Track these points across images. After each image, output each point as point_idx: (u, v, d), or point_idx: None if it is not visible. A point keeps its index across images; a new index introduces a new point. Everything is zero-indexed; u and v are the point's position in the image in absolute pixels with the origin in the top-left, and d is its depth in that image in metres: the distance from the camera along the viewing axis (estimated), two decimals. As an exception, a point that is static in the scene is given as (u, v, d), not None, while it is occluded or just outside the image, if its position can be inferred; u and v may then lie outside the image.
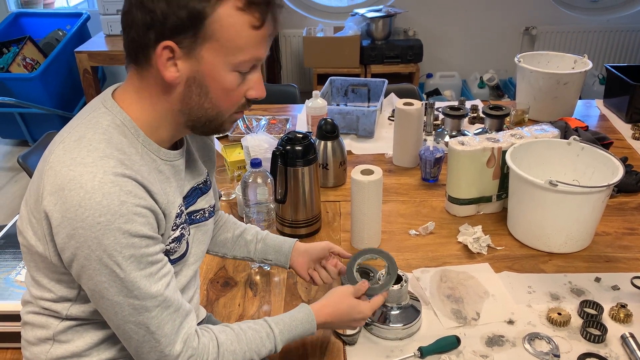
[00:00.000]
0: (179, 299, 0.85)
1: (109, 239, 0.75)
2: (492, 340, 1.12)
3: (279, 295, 1.28)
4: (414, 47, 3.68)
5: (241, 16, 0.79)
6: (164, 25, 0.77)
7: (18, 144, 3.81)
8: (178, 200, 0.90)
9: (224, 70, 0.82)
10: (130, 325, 0.80)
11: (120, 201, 0.75)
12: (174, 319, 0.83)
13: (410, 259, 1.37)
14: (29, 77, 3.34)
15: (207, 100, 0.84)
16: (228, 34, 0.79)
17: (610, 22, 3.97)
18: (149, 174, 0.83)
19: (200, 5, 0.76)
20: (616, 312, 1.17)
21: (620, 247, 1.40)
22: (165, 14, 0.76)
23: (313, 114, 1.91)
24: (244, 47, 0.81)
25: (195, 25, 0.77)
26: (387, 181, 1.71)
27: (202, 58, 0.80)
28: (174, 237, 0.89)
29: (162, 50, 0.78)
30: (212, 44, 0.79)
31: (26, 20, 3.86)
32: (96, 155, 0.78)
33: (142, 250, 0.78)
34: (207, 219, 1.03)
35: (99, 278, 0.77)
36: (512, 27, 3.99)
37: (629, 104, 2.06)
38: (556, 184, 1.26)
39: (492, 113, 1.88)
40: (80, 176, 0.75)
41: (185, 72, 0.81)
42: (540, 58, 2.19)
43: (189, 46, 0.79)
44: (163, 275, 0.82)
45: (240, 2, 0.78)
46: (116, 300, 0.78)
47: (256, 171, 1.34)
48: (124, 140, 0.82)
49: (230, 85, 0.83)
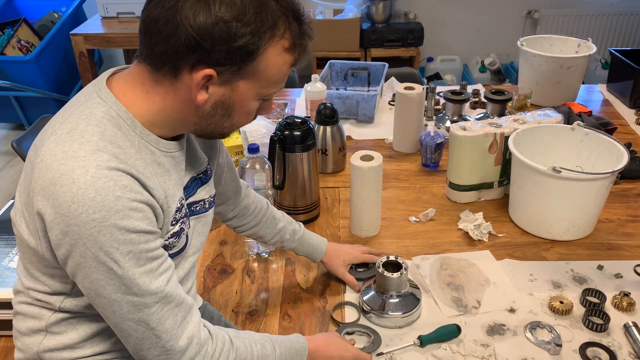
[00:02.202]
0: (180, 293, 0.82)
1: (105, 236, 0.72)
2: (493, 329, 1.11)
3: (276, 282, 1.26)
4: (414, 31, 3.63)
5: (284, 56, 0.80)
6: (211, 54, 0.75)
7: (14, 128, 3.78)
8: (178, 193, 0.87)
9: (253, 98, 0.83)
10: (129, 322, 0.78)
11: (115, 196, 0.72)
12: (175, 313, 0.80)
13: (410, 246, 1.35)
14: (24, 59, 3.29)
15: (227, 121, 0.85)
16: (270, 72, 0.80)
17: (613, 6, 3.92)
18: (145, 168, 0.79)
19: (255, 44, 0.76)
20: (619, 301, 1.15)
21: (623, 235, 1.38)
22: (216, 44, 0.74)
23: (312, 98, 1.88)
24: (278, 82, 0.84)
25: (244, 61, 0.77)
26: (387, 167, 1.68)
27: (237, 87, 0.80)
28: (173, 232, 0.86)
29: (202, 77, 0.76)
30: (252, 78, 0.80)
31: (21, 2, 3.80)
32: (89, 148, 0.74)
33: (140, 246, 0.75)
34: (207, 210, 0.99)
35: (96, 276, 0.74)
36: (514, 11, 3.93)
37: (633, 89, 2.02)
38: (560, 171, 1.24)
39: (494, 98, 1.85)
40: (72, 171, 0.72)
41: (216, 96, 0.80)
42: (543, 42, 2.16)
43: (229, 76, 0.78)
44: (164, 271, 0.79)
45: (287, 43, 0.80)
46: (114, 298, 0.76)
47: (254, 157, 1.32)
48: (118, 133, 0.78)
49: (253, 109, 0.86)
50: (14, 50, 3.42)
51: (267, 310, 1.19)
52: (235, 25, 0.74)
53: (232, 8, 0.73)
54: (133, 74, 0.82)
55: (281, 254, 1.35)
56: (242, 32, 0.74)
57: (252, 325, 1.16)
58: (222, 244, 1.39)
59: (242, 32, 0.74)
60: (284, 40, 0.79)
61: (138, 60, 0.81)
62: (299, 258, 1.33)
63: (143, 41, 0.78)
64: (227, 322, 1.15)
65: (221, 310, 1.19)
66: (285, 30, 0.79)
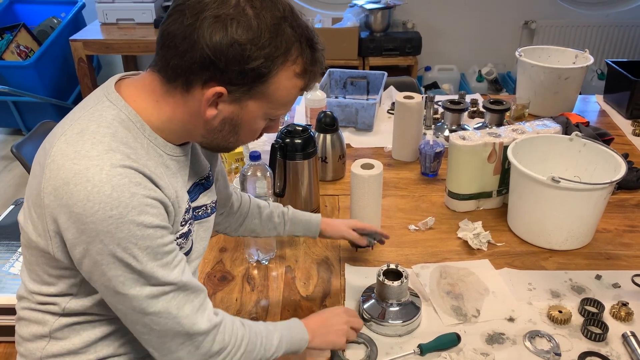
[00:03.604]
0: (194, 281, 0.84)
1: (123, 232, 0.73)
2: (493, 337, 1.11)
3: (276, 290, 1.27)
4: (412, 40, 3.65)
5: (297, 81, 0.82)
6: (224, 73, 0.77)
7: (12, 133, 3.77)
8: (185, 196, 0.89)
9: (261, 118, 0.85)
10: (150, 316, 0.78)
11: (131, 193, 0.73)
12: (192, 299, 0.82)
13: (409, 255, 1.36)
14: (23, 65, 3.29)
15: (234, 137, 0.87)
16: (280, 94, 0.82)
17: (609, 17, 3.95)
18: (156, 168, 0.81)
19: (267, 68, 0.78)
20: (617, 311, 1.16)
21: (621, 245, 1.39)
22: (229, 64, 0.76)
23: (312, 106, 1.89)
24: (287, 104, 0.86)
25: (255, 82, 0.79)
26: (386, 175, 1.69)
27: (246, 106, 0.82)
28: (182, 232, 0.88)
29: (212, 94, 0.78)
30: (262, 99, 0.82)
31: (20, 7, 3.81)
32: (101, 148, 0.75)
33: (157, 241, 0.77)
34: (210, 215, 1.01)
35: (113, 272, 0.75)
36: (511, 21, 3.96)
37: (630, 100, 2.04)
38: (559, 180, 1.25)
39: (492, 107, 1.86)
40: (86, 169, 0.73)
41: (225, 113, 0.82)
42: (540, 52, 2.18)
43: (239, 95, 0.80)
44: (178, 263, 0.81)
45: (299, 68, 0.81)
46: (133, 294, 0.76)
47: (255, 164, 1.32)
48: (129, 135, 0.80)
49: (259, 128, 0.88)
50: (13, 56, 3.42)
51: (267, 318, 1.19)
52: (250, 48, 0.75)
53: (249, 31, 0.75)
54: (145, 82, 0.83)
55: (281, 261, 1.35)
56: (256, 56, 0.76)
57: (252, 332, 1.16)
58: (222, 251, 1.39)
59: (256, 55, 0.76)
60: (296, 66, 0.81)
61: (152, 69, 0.82)
62: (299, 265, 1.33)
63: (159, 53, 0.80)
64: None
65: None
66: (298, 56, 0.81)
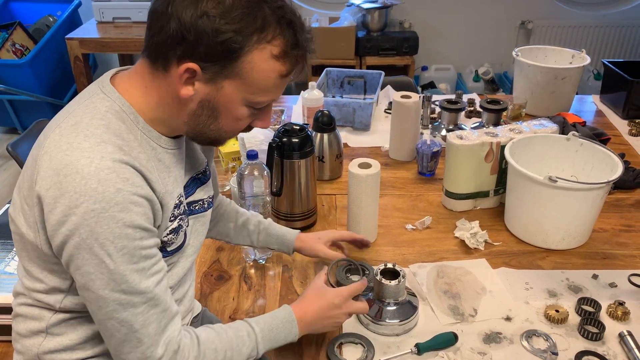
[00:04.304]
0: (167, 299, 0.82)
1: (102, 227, 0.73)
2: (490, 337, 1.11)
3: (274, 289, 1.26)
4: (409, 39, 3.65)
5: (274, 63, 0.79)
6: (195, 48, 0.76)
7: (7, 132, 3.75)
8: (177, 190, 0.88)
9: (239, 103, 0.82)
10: (113, 322, 0.77)
11: (116, 188, 0.73)
12: (160, 319, 0.80)
13: (406, 254, 1.36)
14: (19, 63, 3.28)
15: (214, 123, 0.84)
16: (256, 77, 0.79)
17: (606, 17, 3.96)
18: (147, 162, 0.81)
19: (238, 43, 0.76)
20: (614, 310, 1.16)
21: (617, 244, 1.40)
22: (199, 37, 0.75)
23: (309, 105, 1.89)
24: (267, 91, 0.82)
25: (226, 60, 0.77)
26: (383, 175, 1.69)
27: (222, 88, 0.80)
28: (171, 228, 0.87)
29: (184, 70, 0.77)
30: (237, 80, 0.79)
31: (16, 5, 3.79)
32: (93, 140, 0.76)
33: (135, 243, 0.76)
34: (206, 210, 1.00)
35: (87, 269, 0.75)
36: (508, 21, 3.97)
37: (626, 100, 2.05)
38: (556, 180, 1.25)
39: (489, 107, 1.86)
40: (76, 161, 0.73)
41: (201, 94, 0.80)
42: (537, 52, 2.18)
43: (212, 74, 0.78)
44: (155, 272, 0.80)
45: (277, 50, 0.79)
46: (101, 294, 0.76)
47: (252, 163, 1.32)
48: (122, 126, 0.80)
49: (241, 116, 0.85)
50: (8, 54, 3.41)
51: (264, 317, 1.19)
52: (219, 21, 0.74)
53: (220, 5, 0.74)
54: (136, 69, 0.84)
55: (278, 260, 1.35)
56: (225, 29, 0.74)
57: (249, 332, 1.16)
58: (219, 250, 1.39)
59: (225, 28, 0.74)
60: (273, 47, 0.78)
61: (142, 55, 0.83)
62: (296, 265, 1.33)
63: (146, 35, 0.80)
64: (225, 328, 1.15)
65: (218, 316, 1.19)
66: (276, 36, 0.78)
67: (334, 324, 1.04)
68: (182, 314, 1.01)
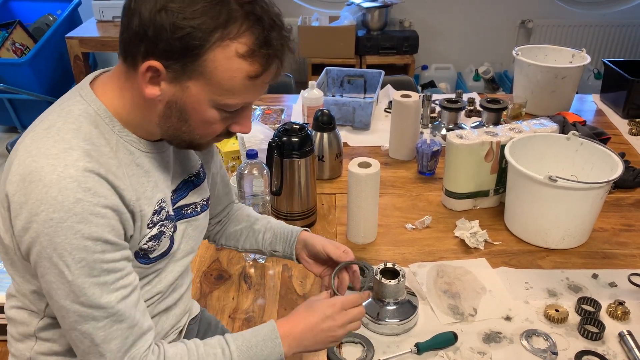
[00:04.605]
0: (135, 315, 0.78)
1: (60, 237, 0.70)
2: (490, 336, 1.11)
3: (273, 288, 1.26)
4: (409, 39, 3.65)
5: (240, 63, 0.74)
6: (156, 44, 0.72)
7: (7, 130, 3.75)
8: (158, 195, 0.84)
9: (207, 105, 0.77)
10: (75, 333, 0.75)
11: (75, 198, 0.70)
12: (125, 335, 0.77)
13: (406, 253, 1.36)
14: (19, 62, 3.28)
15: (185, 126, 0.80)
16: (221, 77, 0.74)
17: (606, 17, 3.96)
18: (117, 168, 0.77)
19: (198, 40, 0.71)
20: (614, 310, 1.16)
21: (617, 244, 1.39)
22: (159, 34, 0.71)
23: (309, 104, 1.89)
24: (235, 92, 0.76)
25: (187, 58, 0.72)
26: (383, 174, 1.69)
27: (187, 88, 0.75)
28: (151, 235, 0.84)
29: (146, 68, 0.73)
30: (201, 80, 0.74)
31: (16, 4, 3.79)
32: (61, 146, 0.73)
33: (95, 256, 0.72)
34: (199, 214, 0.97)
35: (49, 277, 0.73)
36: (508, 20, 3.97)
37: (627, 100, 2.04)
38: (556, 180, 1.25)
39: (489, 106, 1.86)
40: (41, 168, 0.72)
41: (168, 95, 0.76)
42: (537, 51, 2.18)
43: (176, 73, 0.74)
44: (121, 287, 0.76)
45: (243, 49, 0.73)
46: (62, 304, 0.74)
47: (252, 162, 1.32)
48: (94, 131, 0.77)
49: (212, 119, 0.79)
50: (8, 53, 3.41)
51: (263, 317, 1.19)
52: (177, 16, 0.70)
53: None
54: (114, 70, 0.82)
55: (278, 260, 1.35)
56: (183, 25, 0.70)
57: (249, 331, 1.16)
58: (219, 250, 1.39)
59: (183, 24, 0.70)
60: (238, 45, 0.73)
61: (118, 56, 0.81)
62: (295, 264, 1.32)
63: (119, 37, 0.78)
64: (224, 329, 1.15)
65: (218, 316, 1.19)
66: (242, 33, 0.72)
67: (329, 338, 0.90)
68: (178, 317, 0.99)
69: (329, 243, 1.02)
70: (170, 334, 0.99)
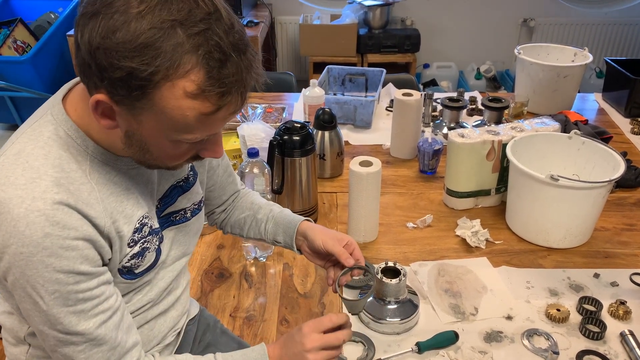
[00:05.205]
0: (117, 336, 0.77)
1: (31, 270, 0.69)
2: (491, 336, 1.11)
3: (274, 287, 1.26)
4: (411, 37, 3.65)
5: (190, 102, 0.66)
6: (101, 81, 0.66)
7: (8, 128, 3.75)
8: (139, 213, 0.81)
9: (165, 139, 0.72)
10: (57, 354, 0.75)
11: (44, 233, 0.68)
12: (107, 357, 0.76)
13: (407, 252, 1.35)
14: (20, 60, 3.28)
15: (148, 154, 0.75)
16: (172, 115, 0.67)
17: (608, 15, 3.95)
18: (89, 194, 0.74)
19: (140, 81, 0.64)
20: (615, 309, 1.16)
21: (619, 243, 1.39)
22: (100, 71, 0.65)
23: (310, 103, 1.88)
24: (191, 129, 0.70)
25: (133, 96, 0.66)
26: (384, 173, 1.69)
27: (142, 122, 0.70)
28: (132, 253, 0.81)
29: (94, 102, 0.68)
30: (153, 116, 0.68)
31: (17, 2, 3.79)
32: (29, 175, 0.70)
33: (69, 287, 0.71)
34: (189, 219, 0.94)
35: (25, 305, 0.72)
36: (510, 19, 3.96)
37: (629, 98, 2.04)
38: (557, 179, 1.25)
39: (491, 105, 1.85)
40: (9, 200, 0.69)
41: (125, 126, 0.71)
42: (539, 50, 2.17)
43: (127, 107, 0.68)
44: (99, 312, 0.74)
45: (191, 87, 0.65)
46: (41, 329, 0.73)
47: (253, 161, 1.32)
48: (64, 155, 0.74)
49: (174, 152, 0.75)
50: (9, 51, 3.41)
51: (264, 315, 1.19)
52: (115, 56, 0.63)
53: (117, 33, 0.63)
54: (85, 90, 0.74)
55: (279, 258, 1.35)
56: (122, 65, 0.63)
57: (250, 330, 1.16)
58: (220, 248, 1.39)
59: (122, 65, 0.63)
60: (186, 83, 0.65)
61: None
62: (297, 263, 1.33)
63: None
64: (223, 329, 1.14)
65: (218, 315, 1.19)
66: (190, 70, 0.64)
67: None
68: (175, 319, 0.98)
69: (330, 237, 0.98)
70: (167, 336, 0.98)
